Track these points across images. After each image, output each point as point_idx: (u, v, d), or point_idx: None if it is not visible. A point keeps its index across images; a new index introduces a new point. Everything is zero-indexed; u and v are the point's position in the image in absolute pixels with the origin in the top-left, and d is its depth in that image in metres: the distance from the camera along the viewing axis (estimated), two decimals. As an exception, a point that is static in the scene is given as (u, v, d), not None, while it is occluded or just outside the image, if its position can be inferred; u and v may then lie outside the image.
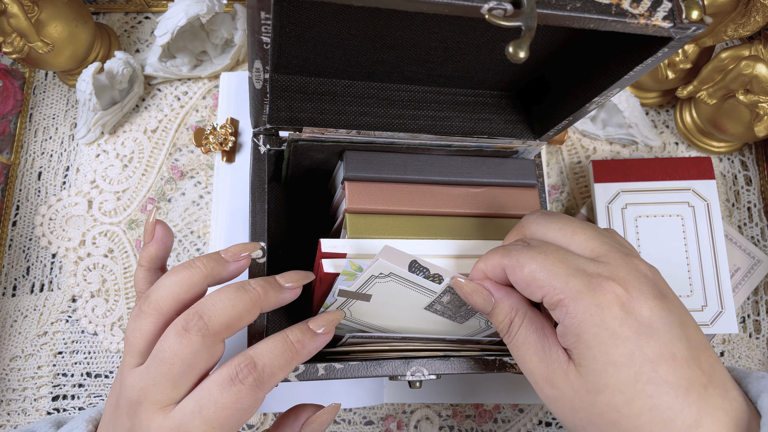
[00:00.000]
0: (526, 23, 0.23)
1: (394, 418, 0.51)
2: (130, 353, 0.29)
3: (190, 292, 0.30)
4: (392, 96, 0.41)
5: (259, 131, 0.38)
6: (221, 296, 0.29)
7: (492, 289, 0.31)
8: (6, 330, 0.52)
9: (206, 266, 0.30)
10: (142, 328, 0.29)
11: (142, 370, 0.28)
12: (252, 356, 0.29)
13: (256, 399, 0.28)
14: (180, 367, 0.28)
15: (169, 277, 0.30)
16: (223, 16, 0.54)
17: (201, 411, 0.27)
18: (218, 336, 0.28)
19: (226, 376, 0.28)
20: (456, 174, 0.37)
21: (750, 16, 0.46)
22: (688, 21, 0.26)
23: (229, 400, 0.27)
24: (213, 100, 0.57)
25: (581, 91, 0.36)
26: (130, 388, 0.28)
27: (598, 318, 0.26)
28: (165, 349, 0.28)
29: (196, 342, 0.28)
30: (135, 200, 0.55)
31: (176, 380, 0.28)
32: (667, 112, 0.60)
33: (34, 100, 0.58)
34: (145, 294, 0.30)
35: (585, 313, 0.26)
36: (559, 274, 0.27)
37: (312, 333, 0.31)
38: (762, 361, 0.54)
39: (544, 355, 0.28)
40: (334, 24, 0.33)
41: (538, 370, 0.29)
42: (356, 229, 0.35)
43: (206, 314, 0.28)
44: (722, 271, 0.50)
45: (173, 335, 0.28)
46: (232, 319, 0.28)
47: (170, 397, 0.28)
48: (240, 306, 0.29)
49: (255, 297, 0.29)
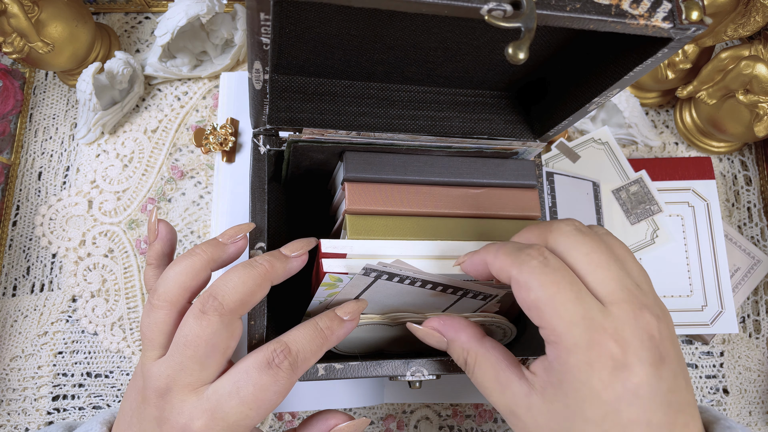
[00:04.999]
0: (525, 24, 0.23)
1: (394, 418, 0.51)
2: (149, 347, 0.30)
3: (196, 279, 0.31)
4: (392, 96, 0.41)
5: (259, 131, 0.38)
6: (232, 276, 0.30)
7: (442, 330, 0.33)
8: (6, 330, 0.52)
9: (206, 252, 0.31)
10: (156, 320, 0.30)
11: (167, 358, 0.29)
12: (286, 342, 0.30)
13: (290, 382, 0.30)
14: (204, 348, 0.29)
15: (173, 267, 0.31)
16: (223, 16, 0.54)
17: (239, 392, 0.28)
18: (235, 313, 0.29)
19: (263, 360, 0.29)
20: (456, 175, 0.37)
21: (750, 16, 0.46)
22: (687, 22, 0.26)
23: (266, 381, 0.29)
24: (213, 100, 0.57)
25: (581, 91, 0.36)
26: (157, 377, 0.29)
27: (585, 376, 0.26)
28: (187, 334, 0.29)
29: (215, 322, 0.29)
30: (135, 200, 0.55)
31: (203, 361, 0.29)
32: (667, 112, 0.60)
33: (34, 100, 0.58)
34: (153, 288, 0.31)
35: (574, 367, 0.26)
36: (564, 318, 0.26)
37: (339, 320, 0.32)
38: (762, 361, 0.54)
39: (502, 389, 0.29)
40: (334, 24, 0.33)
41: (499, 402, 0.29)
42: (356, 230, 0.35)
43: (220, 294, 0.29)
44: (722, 271, 0.51)
45: (192, 319, 0.29)
46: (245, 295, 0.30)
47: (200, 378, 0.29)
48: (250, 282, 0.30)
49: (263, 271, 0.30)
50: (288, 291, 0.40)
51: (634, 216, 0.46)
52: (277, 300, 0.39)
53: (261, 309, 0.35)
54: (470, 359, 0.31)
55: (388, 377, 0.35)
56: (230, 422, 0.28)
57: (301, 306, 0.37)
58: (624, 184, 0.50)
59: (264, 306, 0.35)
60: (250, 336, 0.34)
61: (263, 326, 0.35)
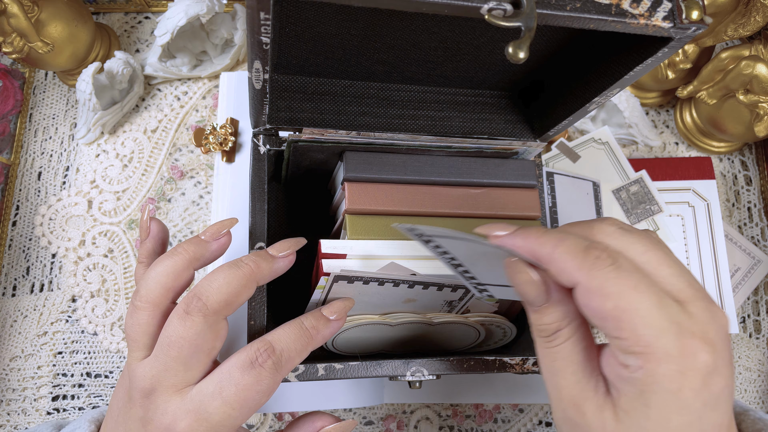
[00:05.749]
0: (525, 23, 0.23)
1: (394, 418, 0.51)
2: (134, 348, 0.30)
3: (178, 279, 0.30)
4: (392, 96, 0.41)
5: (259, 131, 0.38)
6: (216, 276, 0.29)
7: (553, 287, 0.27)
8: (6, 330, 0.52)
9: (188, 251, 0.31)
10: (139, 321, 0.30)
11: (151, 359, 0.29)
12: (270, 341, 0.30)
13: (274, 382, 0.29)
14: (188, 348, 0.28)
15: (155, 268, 0.30)
16: (223, 16, 0.54)
17: (221, 392, 0.28)
18: (219, 314, 0.29)
19: (246, 359, 0.29)
20: (456, 175, 0.37)
21: (750, 16, 0.46)
22: (688, 21, 0.26)
23: (249, 381, 0.28)
24: (213, 100, 0.57)
25: (581, 91, 0.36)
26: (141, 378, 0.29)
27: (676, 386, 0.23)
28: (170, 334, 0.29)
29: (199, 322, 0.28)
30: (135, 200, 0.55)
31: (187, 362, 0.29)
32: (667, 112, 0.60)
33: (34, 100, 0.58)
34: (136, 289, 0.31)
35: (664, 377, 0.23)
36: (652, 325, 0.23)
37: (325, 319, 0.32)
38: (762, 361, 0.54)
39: (582, 378, 0.26)
40: (334, 24, 0.33)
41: (568, 389, 0.26)
42: (356, 230, 0.35)
43: (204, 295, 0.29)
44: (722, 271, 0.51)
45: (176, 319, 0.29)
46: (230, 296, 0.29)
47: (184, 379, 0.29)
48: (235, 282, 0.29)
49: (248, 271, 0.30)
50: (288, 291, 0.40)
51: (634, 216, 0.46)
52: (277, 300, 0.39)
53: (261, 309, 0.35)
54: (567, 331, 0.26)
55: (388, 377, 0.35)
56: (214, 423, 0.28)
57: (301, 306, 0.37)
58: (624, 184, 0.50)
59: (264, 306, 0.35)
60: (250, 336, 0.34)
61: (263, 326, 0.35)
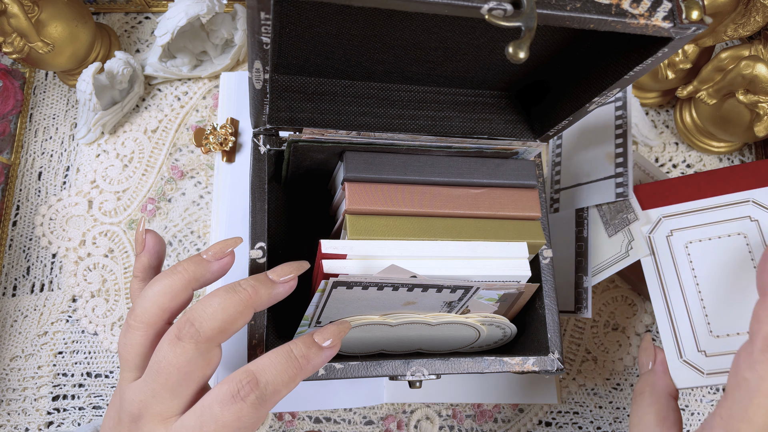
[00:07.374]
0: (525, 23, 0.23)
1: (394, 418, 0.51)
2: (126, 368, 0.29)
3: (175, 299, 0.29)
4: (392, 96, 0.41)
5: (259, 131, 0.38)
6: (211, 300, 0.28)
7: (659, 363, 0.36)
8: (6, 330, 0.52)
9: (188, 270, 0.30)
10: (132, 342, 0.29)
11: (141, 382, 0.28)
12: (254, 372, 0.28)
13: (258, 417, 0.28)
14: (177, 376, 0.27)
15: (152, 287, 0.29)
16: (223, 16, 0.54)
17: (202, 427, 0.27)
18: (212, 341, 0.28)
19: (227, 393, 0.27)
20: (456, 175, 0.37)
21: (750, 16, 0.46)
22: (688, 21, 0.26)
23: (229, 418, 0.27)
24: (213, 100, 0.57)
25: (581, 91, 0.36)
26: (130, 401, 0.28)
27: None
28: (160, 360, 0.27)
29: (190, 350, 0.27)
30: (135, 200, 0.55)
31: (174, 390, 0.27)
32: (667, 112, 0.60)
33: (34, 100, 0.58)
34: (131, 307, 0.30)
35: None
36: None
37: (317, 347, 0.29)
38: (762, 361, 0.54)
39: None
40: (334, 24, 0.33)
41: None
42: (356, 230, 0.35)
43: (197, 321, 0.27)
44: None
45: (167, 345, 0.27)
46: (225, 323, 0.28)
47: (170, 408, 0.28)
48: (231, 309, 0.28)
49: (245, 297, 0.28)
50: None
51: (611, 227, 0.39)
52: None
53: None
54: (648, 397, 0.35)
55: (388, 377, 0.35)
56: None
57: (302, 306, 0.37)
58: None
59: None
60: (250, 336, 0.34)
61: (263, 326, 0.35)
